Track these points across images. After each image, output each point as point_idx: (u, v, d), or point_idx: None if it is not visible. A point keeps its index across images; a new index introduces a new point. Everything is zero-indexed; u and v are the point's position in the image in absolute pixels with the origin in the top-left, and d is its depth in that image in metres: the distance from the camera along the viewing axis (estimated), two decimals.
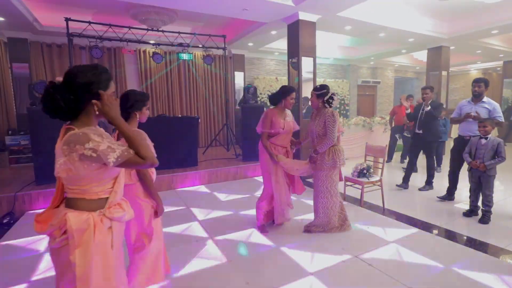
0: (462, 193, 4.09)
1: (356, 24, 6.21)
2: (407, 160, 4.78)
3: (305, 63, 5.67)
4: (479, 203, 3.42)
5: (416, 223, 3.28)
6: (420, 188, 4.51)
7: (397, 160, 6.71)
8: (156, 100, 7.88)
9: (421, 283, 2.18)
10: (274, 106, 3.04)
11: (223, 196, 4.43)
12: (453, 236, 2.97)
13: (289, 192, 3.13)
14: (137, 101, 1.93)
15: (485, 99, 3.66)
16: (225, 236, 3.02)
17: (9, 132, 5.99)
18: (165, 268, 2.09)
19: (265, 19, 5.90)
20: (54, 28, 6.17)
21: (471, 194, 3.46)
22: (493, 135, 3.34)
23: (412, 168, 4.63)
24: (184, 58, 6.71)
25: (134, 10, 5.66)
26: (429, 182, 4.53)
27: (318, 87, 2.93)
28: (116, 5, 5.55)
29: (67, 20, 5.08)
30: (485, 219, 3.25)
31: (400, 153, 6.72)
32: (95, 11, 6.02)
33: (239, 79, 8.93)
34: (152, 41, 6.50)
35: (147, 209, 1.88)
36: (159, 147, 5.66)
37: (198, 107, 8.44)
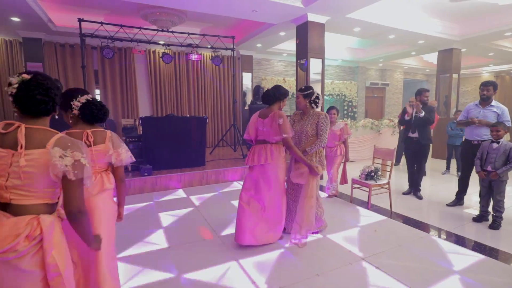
0: (472, 198, 4.03)
1: (366, 26, 6.18)
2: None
3: (314, 65, 5.67)
4: (489, 209, 3.36)
5: (424, 227, 3.25)
6: (404, 192, 4.46)
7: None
8: (165, 100, 7.98)
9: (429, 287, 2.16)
10: (268, 106, 2.78)
11: (230, 196, 4.45)
12: (462, 241, 2.93)
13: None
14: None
15: (494, 103, 3.60)
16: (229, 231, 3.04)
17: None
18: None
19: (274, 21, 5.92)
20: (67, 29, 6.31)
21: (481, 199, 3.41)
22: (506, 140, 3.28)
23: (413, 173, 4.42)
24: (193, 59, 6.77)
25: (145, 11, 5.75)
26: (417, 185, 4.37)
27: (304, 88, 2.92)
28: (127, 6, 5.65)
29: (80, 21, 5.18)
30: (496, 225, 3.19)
31: None
32: (107, 12, 6.14)
33: (247, 80, 8.97)
34: (162, 42, 6.58)
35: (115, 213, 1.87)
36: (168, 146, 5.72)
37: (206, 107, 8.51)
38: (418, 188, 4.35)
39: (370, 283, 2.23)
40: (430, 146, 4.68)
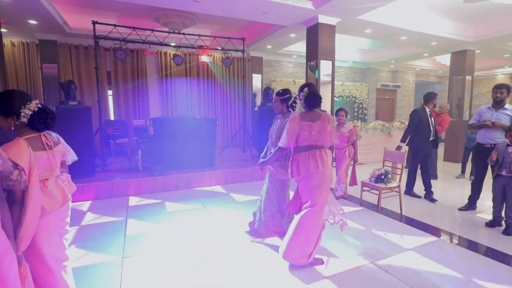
0: (486, 203, 3.96)
1: (377, 27, 6.13)
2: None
3: (324, 66, 5.65)
4: (502, 214, 3.29)
5: (435, 232, 3.21)
6: (406, 192, 4.50)
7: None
8: (176, 101, 8.07)
9: None
10: (309, 109, 2.48)
11: (239, 197, 4.49)
12: (474, 246, 2.88)
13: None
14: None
15: (507, 106, 3.54)
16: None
17: None
18: None
19: (285, 22, 5.94)
20: (82, 31, 6.46)
21: (494, 204, 3.34)
22: None
23: (422, 175, 4.42)
24: (204, 60, 6.84)
25: (157, 14, 5.85)
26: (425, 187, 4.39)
27: (281, 92, 2.86)
28: (140, 9, 5.76)
29: (94, 23, 5.31)
30: (509, 231, 3.13)
31: None
32: (120, 14, 6.26)
33: (257, 81, 9.00)
34: (173, 44, 6.67)
35: None
36: (178, 147, 5.77)
37: (216, 108, 8.57)
38: (431, 191, 4.33)
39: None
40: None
